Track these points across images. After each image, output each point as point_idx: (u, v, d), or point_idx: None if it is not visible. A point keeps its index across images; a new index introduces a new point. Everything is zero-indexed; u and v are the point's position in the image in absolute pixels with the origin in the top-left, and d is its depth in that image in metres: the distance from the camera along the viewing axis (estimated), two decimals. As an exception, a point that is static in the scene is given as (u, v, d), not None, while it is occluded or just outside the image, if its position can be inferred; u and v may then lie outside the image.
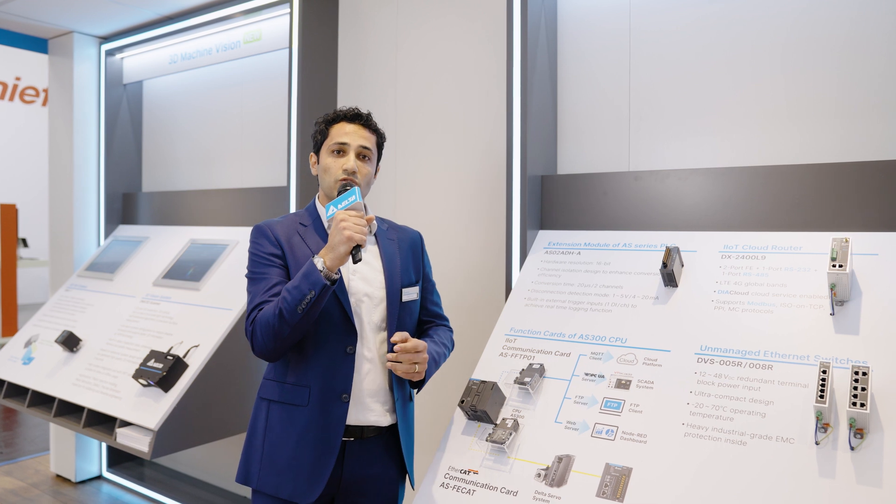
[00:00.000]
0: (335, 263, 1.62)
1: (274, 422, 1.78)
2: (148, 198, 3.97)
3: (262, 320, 1.67)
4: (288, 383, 1.78)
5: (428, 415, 2.87)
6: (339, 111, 1.87)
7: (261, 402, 1.83)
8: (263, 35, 3.40)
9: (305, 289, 1.61)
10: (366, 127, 1.86)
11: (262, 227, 1.82)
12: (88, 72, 4.07)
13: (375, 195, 3.08)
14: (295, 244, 1.80)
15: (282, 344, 1.68)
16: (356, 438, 1.78)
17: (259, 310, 1.71)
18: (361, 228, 1.63)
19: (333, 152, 1.83)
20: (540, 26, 2.46)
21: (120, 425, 2.69)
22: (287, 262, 1.78)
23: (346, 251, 1.62)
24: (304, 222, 1.86)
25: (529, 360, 2.02)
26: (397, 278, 1.85)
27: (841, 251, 1.72)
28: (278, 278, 1.75)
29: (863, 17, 2.02)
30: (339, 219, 1.64)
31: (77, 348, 3.17)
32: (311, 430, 1.73)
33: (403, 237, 1.96)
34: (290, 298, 1.62)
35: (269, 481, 1.75)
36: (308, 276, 1.62)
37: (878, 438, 1.49)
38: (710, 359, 1.79)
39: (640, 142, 2.41)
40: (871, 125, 2.01)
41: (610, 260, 2.19)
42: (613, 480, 1.64)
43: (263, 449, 1.77)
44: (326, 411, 1.73)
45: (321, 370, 1.75)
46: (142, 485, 3.80)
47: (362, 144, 1.83)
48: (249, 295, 1.77)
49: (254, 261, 1.79)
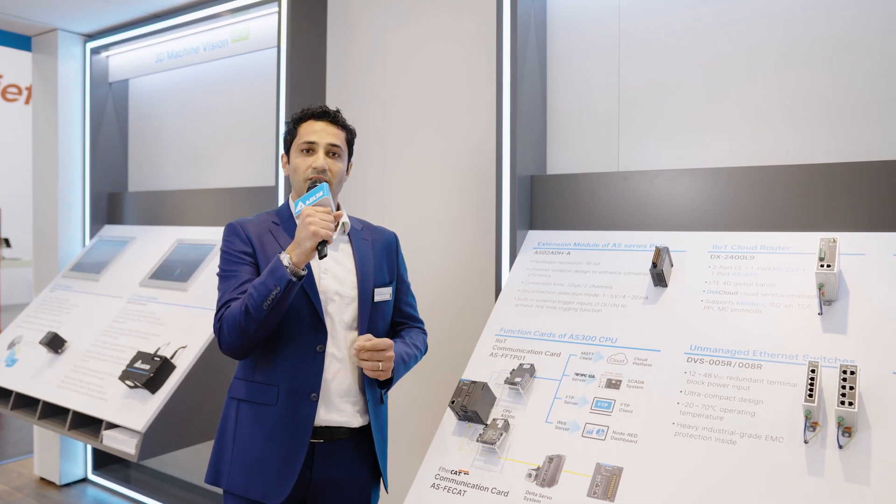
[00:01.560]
0: (301, 259, 1.62)
1: (243, 421, 1.76)
2: (134, 197, 3.93)
3: (230, 317, 1.67)
4: (256, 382, 1.76)
5: (418, 415, 2.86)
6: (306, 110, 1.85)
7: (230, 402, 1.82)
8: (251, 34, 3.38)
9: (271, 285, 1.60)
10: (334, 124, 1.84)
11: (233, 226, 1.82)
12: (73, 70, 4.02)
13: (364, 194, 3.07)
14: (266, 242, 1.79)
15: (248, 341, 1.67)
16: (326, 440, 1.76)
17: (227, 307, 1.70)
18: (328, 224, 1.63)
19: (302, 151, 1.81)
20: (529, 26, 2.46)
21: (106, 427, 2.66)
22: (258, 260, 1.77)
23: (311, 246, 1.61)
24: (276, 221, 1.85)
25: (520, 361, 2.02)
26: (370, 278, 1.84)
27: (829, 251, 1.73)
28: (248, 276, 1.74)
29: (853, 19, 2.04)
30: (306, 214, 1.63)
31: (62, 350, 3.13)
32: (280, 430, 1.72)
33: (378, 237, 1.95)
34: (256, 294, 1.61)
35: (238, 482, 1.74)
36: (274, 272, 1.61)
37: (865, 437, 1.50)
38: (700, 358, 1.80)
39: (629, 142, 2.41)
40: (860, 126, 2.03)
41: (600, 260, 2.20)
42: (604, 480, 1.65)
43: (233, 449, 1.76)
44: (295, 410, 1.72)
45: (290, 369, 1.73)
46: (128, 487, 3.76)
47: (331, 142, 1.81)
48: (219, 292, 1.76)
49: (225, 259, 1.79)
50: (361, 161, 3.08)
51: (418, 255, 2.88)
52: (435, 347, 2.81)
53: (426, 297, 2.85)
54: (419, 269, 2.88)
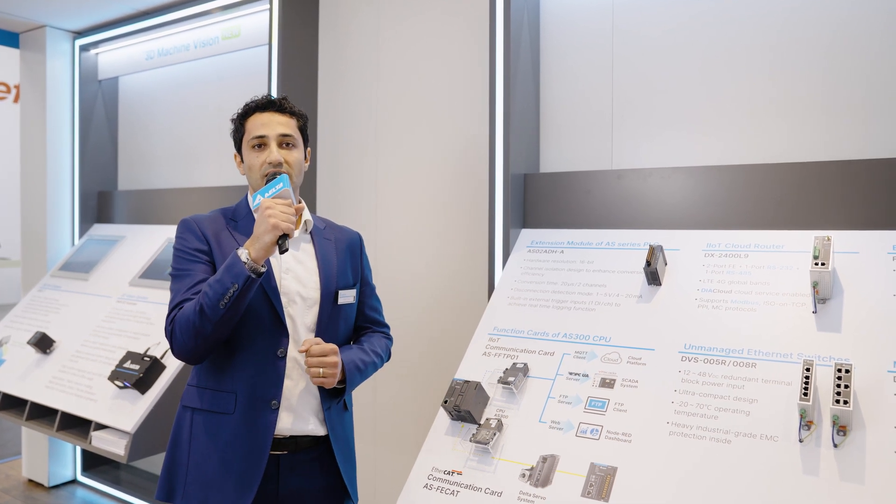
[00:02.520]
0: (260, 255, 1.52)
1: (198, 432, 1.65)
2: (124, 196, 3.90)
3: (182, 318, 1.56)
4: (212, 389, 1.66)
5: (411, 415, 2.85)
6: (249, 103, 1.75)
7: (184, 411, 1.71)
8: (242, 31, 3.35)
9: (228, 282, 1.50)
10: (281, 112, 1.73)
11: (187, 222, 1.71)
12: (62, 67, 3.98)
13: (356, 193, 3.05)
14: (223, 240, 1.69)
15: (203, 343, 1.56)
16: (290, 451, 1.67)
17: (180, 308, 1.60)
18: (289, 217, 1.54)
19: (254, 147, 1.71)
20: (522, 24, 2.45)
21: (95, 428, 2.63)
22: (214, 258, 1.67)
23: (271, 241, 1.52)
24: (234, 217, 1.76)
25: (513, 360, 2.01)
26: (333, 279, 1.75)
27: (823, 249, 1.73)
28: (203, 275, 1.64)
29: (846, 18, 2.04)
30: (265, 206, 1.54)
31: (50, 350, 3.10)
32: (238, 440, 1.61)
33: (341, 237, 1.86)
34: (211, 293, 1.52)
35: (194, 497, 1.63)
36: (231, 269, 1.51)
37: (860, 435, 1.50)
38: (695, 357, 1.79)
39: (622, 140, 2.41)
40: (854, 125, 2.02)
41: (593, 258, 2.19)
42: (598, 480, 1.64)
43: (188, 462, 1.65)
44: (254, 419, 1.62)
45: (249, 375, 1.63)
46: (118, 488, 3.73)
47: (281, 132, 1.70)
48: (171, 293, 1.65)
49: (178, 257, 1.68)
50: (354, 160, 3.06)
51: (411, 255, 2.87)
52: (428, 347, 2.80)
53: (419, 297, 2.84)
54: (412, 269, 2.87)
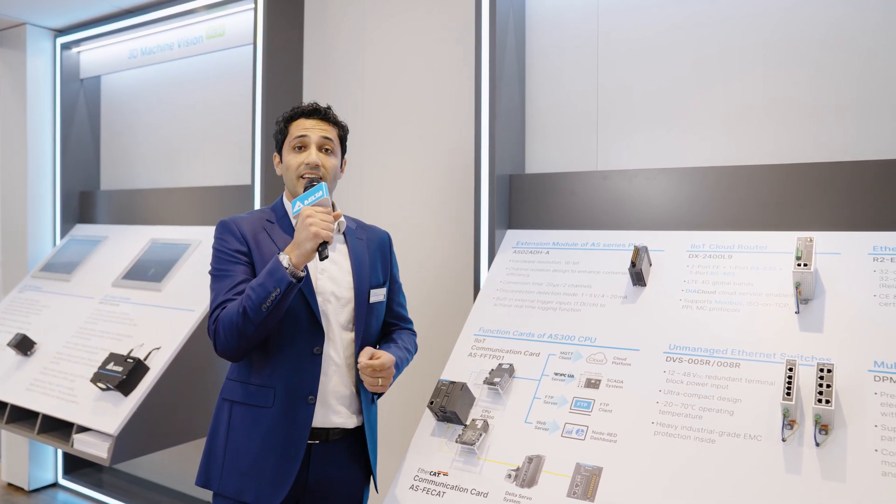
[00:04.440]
0: (301, 260, 1.58)
1: (237, 424, 1.73)
2: (107, 196, 3.86)
3: (226, 319, 1.63)
4: (252, 384, 1.73)
5: (397, 416, 2.84)
6: (296, 108, 1.83)
7: (223, 404, 1.78)
8: (227, 31, 3.33)
9: (270, 286, 1.56)
10: (325, 120, 1.82)
11: (227, 223, 1.77)
12: (43, 66, 3.94)
13: (340, 193, 3.04)
14: (261, 241, 1.75)
15: (246, 343, 1.63)
16: (321, 441, 1.74)
17: (222, 308, 1.66)
18: (328, 224, 1.60)
19: (295, 148, 1.79)
20: (508, 25, 2.45)
21: (77, 431, 2.60)
22: (253, 259, 1.73)
23: (312, 248, 1.58)
24: (271, 219, 1.81)
25: (499, 360, 2.01)
26: (366, 279, 1.82)
27: (805, 250, 1.75)
28: (243, 276, 1.70)
29: (832, 22, 2.06)
30: (306, 214, 1.60)
31: (31, 352, 3.06)
32: (276, 433, 1.69)
33: (372, 237, 1.93)
34: (254, 296, 1.57)
35: (231, 484, 1.70)
36: (273, 274, 1.57)
37: (841, 434, 1.52)
38: (679, 357, 1.81)
39: (608, 141, 2.42)
40: (836, 127, 2.05)
41: (578, 259, 2.20)
42: (584, 480, 1.64)
43: (226, 451, 1.72)
44: (292, 413, 1.69)
45: (287, 371, 1.70)
46: (100, 492, 3.69)
47: (323, 135, 1.79)
48: (213, 293, 1.71)
49: (218, 257, 1.74)
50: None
51: (397, 255, 2.86)
52: (413, 348, 2.79)
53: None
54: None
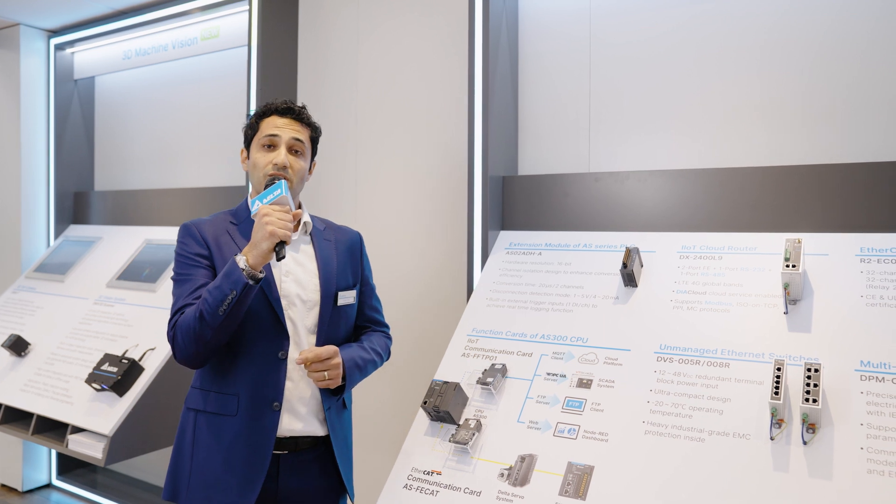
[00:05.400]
0: (258, 261, 1.53)
1: (201, 433, 1.67)
2: (101, 197, 3.86)
3: (183, 324, 1.58)
4: (215, 392, 1.68)
5: (390, 416, 2.86)
6: (269, 104, 1.76)
7: (187, 413, 1.72)
8: (221, 32, 3.34)
9: (227, 289, 1.52)
10: (298, 120, 1.75)
11: (188, 226, 1.73)
12: (36, 66, 3.93)
13: (336, 195, 3.05)
14: (223, 244, 1.70)
15: (204, 348, 1.58)
16: (290, 451, 1.69)
17: (181, 313, 1.61)
18: (286, 224, 1.55)
19: (263, 146, 1.72)
20: (501, 28, 2.47)
21: (72, 431, 2.61)
22: (215, 262, 1.68)
23: (268, 248, 1.53)
24: (234, 221, 1.76)
25: (492, 361, 2.03)
26: (333, 281, 1.76)
27: (794, 252, 1.77)
28: (204, 280, 1.65)
29: (821, 26, 2.08)
30: (262, 213, 1.55)
31: (25, 353, 3.06)
32: (241, 441, 1.63)
33: (341, 237, 1.86)
34: (210, 300, 1.53)
35: (198, 497, 1.65)
36: (229, 276, 1.53)
37: (828, 433, 1.54)
38: (670, 357, 1.83)
39: (600, 143, 2.44)
40: (824, 130, 2.07)
41: (570, 260, 2.22)
42: (576, 479, 1.66)
43: (192, 462, 1.67)
44: (257, 421, 1.64)
45: (251, 377, 1.65)
46: (94, 492, 3.69)
47: (294, 137, 1.73)
48: (173, 297, 1.67)
49: (179, 262, 1.69)
50: (333, 161, 3.06)
51: (390, 256, 2.88)
52: (407, 348, 2.81)
53: (398, 298, 2.85)
54: (391, 270, 2.88)
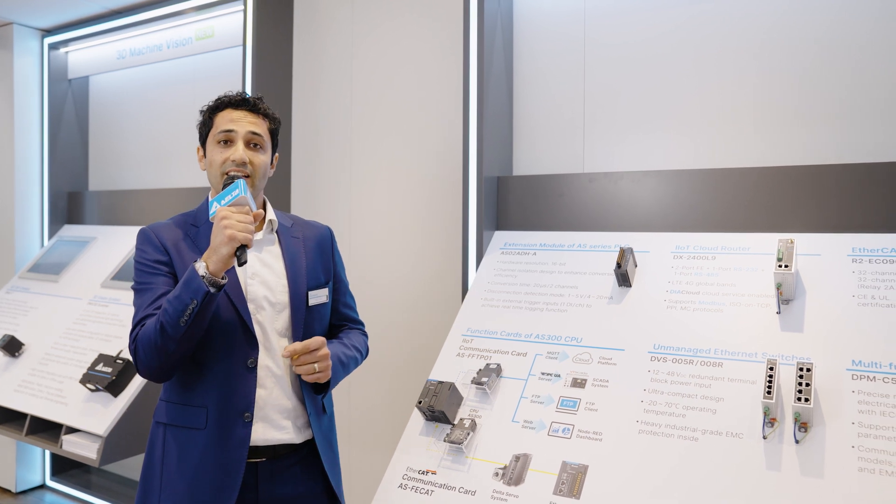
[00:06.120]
0: (219, 267, 1.44)
1: (170, 448, 1.58)
2: (95, 197, 3.85)
3: (144, 337, 1.49)
4: (183, 404, 1.59)
5: (385, 416, 2.86)
6: (222, 97, 1.66)
7: (156, 427, 1.63)
8: (216, 32, 3.34)
9: (187, 298, 1.43)
10: (254, 112, 1.65)
11: (145, 232, 1.63)
12: (30, 66, 3.92)
13: (331, 196, 3.05)
14: (183, 249, 1.61)
15: (167, 360, 1.49)
16: (268, 458, 1.60)
17: (142, 325, 1.52)
18: (245, 226, 1.45)
19: (219, 143, 1.62)
20: (496, 29, 2.48)
21: (66, 432, 2.60)
22: (175, 268, 1.59)
23: (229, 253, 1.43)
24: (195, 223, 1.66)
25: (486, 360, 2.04)
26: (302, 280, 1.67)
27: (786, 252, 1.78)
28: (165, 288, 1.56)
29: (816, 28, 2.09)
30: (221, 216, 1.45)
31: (19, 353, 3.06)
32: (211, 456, 1.54)
33: (310, 234, 1.77)
34: (171, 310, 1.44)
35: None
36: (189, 284, 1.43)
37: (820, 432, 1.55)
38: (663, 357, 1.84)
39: (594, 144, 2.45)
40: (817, 131, 2.09)
41: (565, 260, 2.22)
42: (570, 478, 1.67)
43: (161, 480, 1.58)
44: (226, 434, 1.55)
45: (219, 388, 1.56)
46: (88, 493, 3.68)
47: (251, 130, 1.62)
48: (134, 308, 1.58)
49: (138, 270, 1.60)
50: (328, 162, 3.07)
51: (385, 256, 2.88)
52: (402, 348, 2.81)
53: (393, 299, 2.85)
54: (386, 271, 2.88)
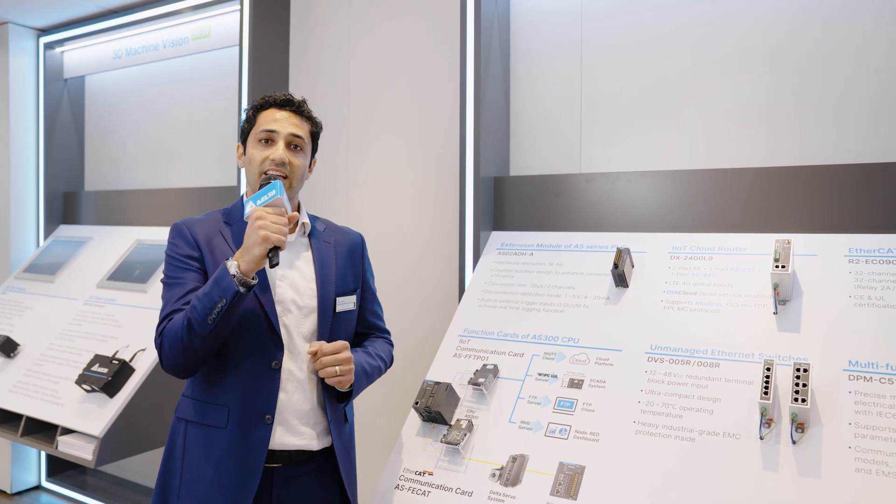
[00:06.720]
0: (250, 267, 1.44)
1: (191, 445, 1.59)
2: (91, 197, 3.84)
3: (170, 332, 1.50)
4: (205, 402, 1.59)
5: (382, 416, 2.86)
6: (268, 97, 1.66)
7: (178, 423, 1.63)
8: (212, 32, 3.33)
9: (216, 296, 1.43)
10: (298, 114, 1.65)
11: (179, 226, 1.63)
12: (26, 65, 3.91)
13: (327, 195, 3.05)
14: (216, 245, 1.61)
15: (192, 358, 1.50)
16: (285, 464, 1.60)
17: (169, 320, 1.53)
18: (280, 228, 1.45)
19: (261, 141, 1.62)
20: (493, 29, 2.48)
21: (62, 433, 2.59)
22: (206, 265, 1.59)
23: (261, 253, 1.43)
24: (228, 221, 1.67)
25: (483, 361, 2.03)
26: (331, 286, 1.67)
27: (783, 252, 1.78)
28: (195, 284, 1.56)
29: (814, 29, 2.10)
30: (256, 216, 1.46)
31: (14, 353, 3.05)
32: (231, 456, 1.54)
33: (342, 240, 1.77)
34: (199, 307, 1.44)
35: None
36: (219, 282, 1.44)
37: (817, 432, 1.55)
38: (660, 357, 1.84)
39: (591, 144, 2.45)
40: (814, 132, 2.09)
41: (562, 261, 2.22)
42: (567, 479, 1.67)
43: (182, 475, 1.59)
44: (247, 434, 1.55)
45: (242, 388, 1.56)
46: (84, 494, 3.67)
47: (293, 132, 1.62)
48: (163, 301, 1.58)
49: (169, 264, 1.60)
50: (325, 162, 3.06)
51: (382, 257, 2.88)
52: (399, 349, 2.80)
53: (390, 299, 2.84)
54: (383, 271, 2.88)
